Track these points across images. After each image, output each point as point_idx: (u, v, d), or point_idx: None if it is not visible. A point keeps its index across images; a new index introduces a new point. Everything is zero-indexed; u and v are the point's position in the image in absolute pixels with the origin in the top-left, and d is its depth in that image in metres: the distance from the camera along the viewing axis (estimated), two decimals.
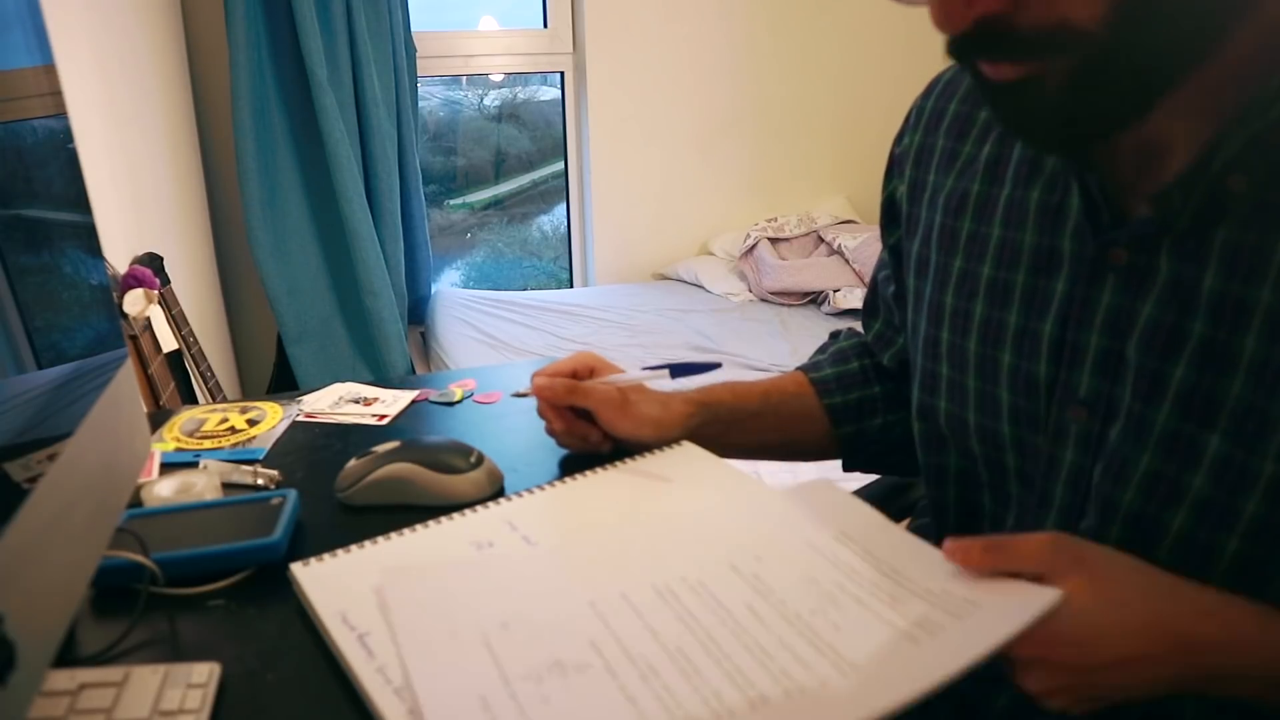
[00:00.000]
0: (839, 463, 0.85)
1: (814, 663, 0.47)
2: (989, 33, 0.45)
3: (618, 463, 0.72)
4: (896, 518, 0.89)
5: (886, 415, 0.81)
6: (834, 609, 0.51)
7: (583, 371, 0.75)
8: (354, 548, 0.60)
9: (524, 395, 0.88)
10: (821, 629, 0.50)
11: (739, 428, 0.78)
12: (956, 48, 0.47)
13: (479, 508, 0.66)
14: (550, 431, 0.77)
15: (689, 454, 0.73)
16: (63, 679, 0.48)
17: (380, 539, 0.61)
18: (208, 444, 0.83)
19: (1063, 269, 0.56)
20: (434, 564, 0.58)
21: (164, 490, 0.70)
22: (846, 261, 2.67)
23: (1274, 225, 0.46)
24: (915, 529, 0.76)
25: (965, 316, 0.63)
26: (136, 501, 0.69)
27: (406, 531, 0.62)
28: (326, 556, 0.59)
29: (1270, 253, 0.46)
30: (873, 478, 0.98)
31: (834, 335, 0.88)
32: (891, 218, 0.75)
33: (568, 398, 0.74)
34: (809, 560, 0.56)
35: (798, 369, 0.86)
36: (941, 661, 0.46)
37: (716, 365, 0.77)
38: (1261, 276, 0.46)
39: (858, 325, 0.87)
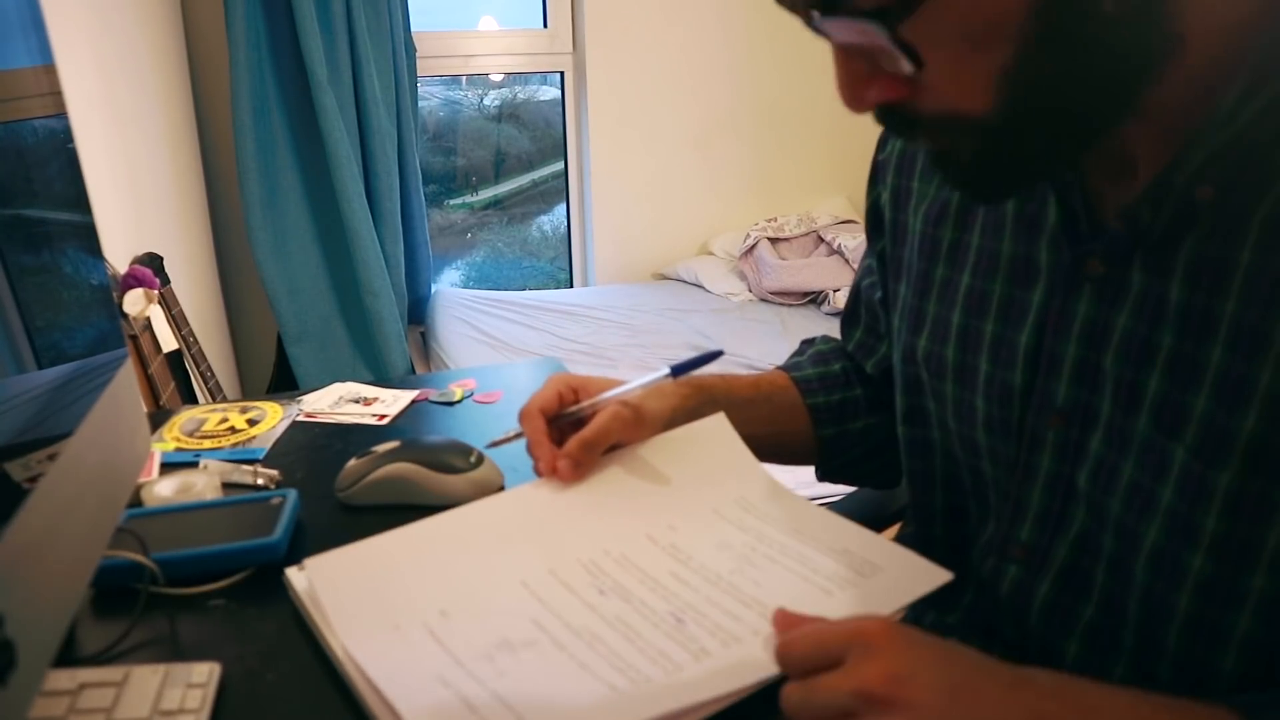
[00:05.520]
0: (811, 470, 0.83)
1: (743, 615, 0.52)
2: (893, 116, 0.48)
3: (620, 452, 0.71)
4: (880, 527, 0.88)
5: (868, 418, 0.81)
6: (751, 569, 0.56)
7: (566, 395, 0.69)
8: None
9: (508, 440, 0.71)
10: (744, 586, 0.54)
11: (734, 413, 0.74)
12: (875, 118, 0.50)
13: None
14: (542, 471, 0.66)
15: (688, 440, 0.72)
16: (63, 679, 0.48)
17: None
18: (208, 444, 0.83)
19: (1040, 279, 0.57)
20: (358, 557, 0.57)
21: (164, 490, 0.70)
22: (846, 261, 2.67)
23: (1237, 237, 0.46)
24: (901, 538, 0.75)
25: (944, 324, 0.64)
26: (136, 501, 0.69)
27: None
28: None
29: (1233, 265, 0.46)
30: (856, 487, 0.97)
31: (808, 341, 0.87)
32: (876, 225, 0.75)
33: (586, 454, 0.65)
34: (718, 527, 0.61)
35: (778, 368, 0.85)
36: (857, 613, 0.51)
37: (718, 353, 0.71)
38: (1226, 289, 0.46)
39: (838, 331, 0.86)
